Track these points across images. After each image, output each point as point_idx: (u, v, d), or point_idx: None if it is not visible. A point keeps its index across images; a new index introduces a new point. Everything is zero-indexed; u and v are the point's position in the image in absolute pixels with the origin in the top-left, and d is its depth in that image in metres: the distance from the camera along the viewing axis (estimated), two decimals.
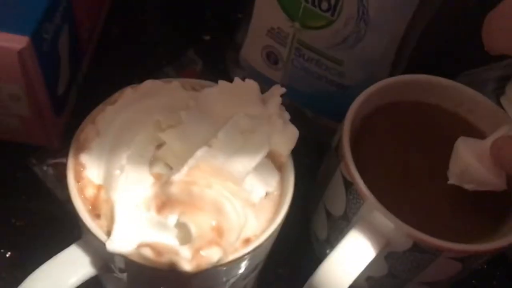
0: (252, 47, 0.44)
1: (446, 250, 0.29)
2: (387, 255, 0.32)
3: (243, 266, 0.28)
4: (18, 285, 0.26)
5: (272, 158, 0.29)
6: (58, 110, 0.41)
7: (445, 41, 0.47)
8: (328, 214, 0.35)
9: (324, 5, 0.37)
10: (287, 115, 0.29)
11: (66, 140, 0.36)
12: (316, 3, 0.37)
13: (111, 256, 0.25)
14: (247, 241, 0.27)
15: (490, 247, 0.29)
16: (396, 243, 0.30)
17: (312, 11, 0.38)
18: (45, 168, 0.42)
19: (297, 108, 0.47)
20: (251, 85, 0.28)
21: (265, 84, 0.46)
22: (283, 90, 0.30)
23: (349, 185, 0.31)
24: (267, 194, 0.28)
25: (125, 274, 0.27)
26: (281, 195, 0.28)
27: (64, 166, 0.27)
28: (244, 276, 0.29)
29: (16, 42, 0.34)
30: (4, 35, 0.34)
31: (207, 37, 0.52)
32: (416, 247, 0.30)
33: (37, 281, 0.25)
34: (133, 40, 0.50)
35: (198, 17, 0.53)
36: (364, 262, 0.30)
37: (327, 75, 0.42)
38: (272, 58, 0.43)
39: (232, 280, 0.28)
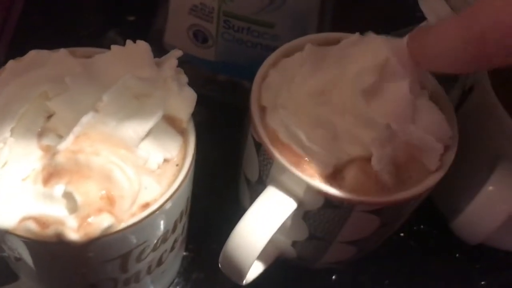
0: (176, 30, 0.42)
1: (357, 203, 0.28)
2: (304, 215, 0.30)
3: (147, 232, 0.26)
4: None
5: (172, 124, 0.27)
6: None
7: None
8: (248, 181, 0.34)
9: None
10: (184, 79, 0.27)
11: None
12: None
13: None
14: (145, 206, 0.25)
15: (399, 197, 0.28)
16: (309, 202, 0.29)
17: None
18: None
19: (235, 82, 0.46)
20: (143, 47, 0.27)
21: (198, 66, 0.46)
22: (180, 52, 0.29)
23: (258, 146, 0.30)
24: (167, 159, 0.27)
25: (22, 257, 0.26)
26: (183, 159, 0.27)
27: None
28: (158, 242, 0.28)
29: None
30: None
31: (132, 18, 0.51)
32: (328, 203, 0.28)
33: None
34: (53, 22, 0.48)
35: None
36: (276, 224, 0.28)
37: (261, 41, 0.40)
38: (200, 36, 0.41)
39: (142, 248, 0.27)
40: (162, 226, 0.27)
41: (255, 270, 0.35)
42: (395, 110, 0.28)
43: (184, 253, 0.37)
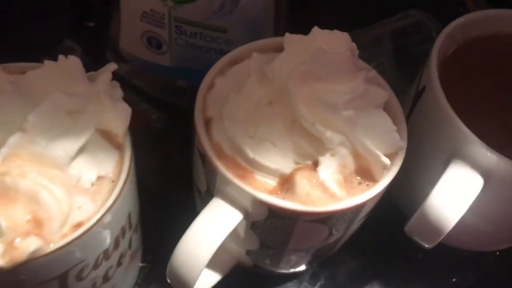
0: (130, 36, 0.41)
1: (301, 214, 0.28)
2: (252, 226, 0.29)
3: (82, 251, 0.25)
4: None
5: (108, 139, 0.26)
6: None
7: None
8: (199, 191, 0.33)
9: None
10: (118, 93, 0.26)
11: None
12: None
13: None
14: (78, 225, 0.24)
15: (344, 206, 0.27)
16: (254, 213, 0.28)
17: None
18: None
19: (194, 87, 0.46)
20: (75, 62, 0.26)
21: (155, 72, 0.45)
22: (115, 66, 0.28)
23: (203, 158, 0.30)
24: (102, 176, 0.26)
25: None
26: (118, 175, 0.26)
27: None
28: (98, 260, 0.27)
29: None
30: None
31: (91, 24, 0.50)
32: (273, 214, 0.27)
33: None
34: (6, 29, 0.47)
35: (82, 2, 0.51)
36: (221, 236, 0.27)
37: (215, 46, 0.39)
38: (154, 42, 0.41)
39: (81, 267, 0.26)
40: (100, 244, 0.26)
41: (211, 279, 0.35)
42: (342, 119, 0.28)
43: (141, 264, 0.37)
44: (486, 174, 0.30)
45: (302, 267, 0.37)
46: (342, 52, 0.28)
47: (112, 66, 0.27)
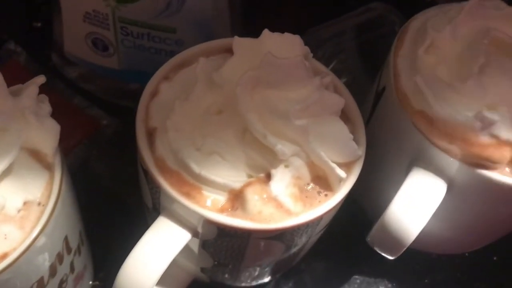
0: (74, 38, 0.38)
1: (252, 232, 0.26)
2: (203, 245, 0.27)
3: (11, 283, 0.23)
4: None
5: (37, 159, 0.24)
6: None
7: None
8: (147, 207, 0.31)
9: None
10: (46, 108, 0.24)
11: None
12: None
13: None
14: (3, 257, 0.22)
15: (298, 222, 0.25)
16: (203, 232, 0.26)
17: None
18: None
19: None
20: None
21: (104, 75, 0.42)
22: (43, 79, 0.25)
23: (146, 173, 0.27)
24: (30, 201, 0.24)
25: None
26: (47, 200, 0.24)
27: None
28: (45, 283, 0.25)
29: None
30: None
31: (38, 24, 0.47)
32: (223, 233, 0.26)
33: None
34: None
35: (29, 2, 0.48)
36: (168, 257, 0.25)
37: (165, 47, 0.37)
38: (100, 45, 0.38)
39: None
40: (31, 275, 0.24)
41: None
42: (295, 129, 0.26)
43: (92, 283, 0.35)
44: (449, 180, 0.29)
45: (265, 280, 0.35)
46: (293, 56, 0.26)
47: (40, 79, 0.25)
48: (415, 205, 0.28)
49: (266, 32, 0.27)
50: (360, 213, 0.38)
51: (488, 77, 0.28)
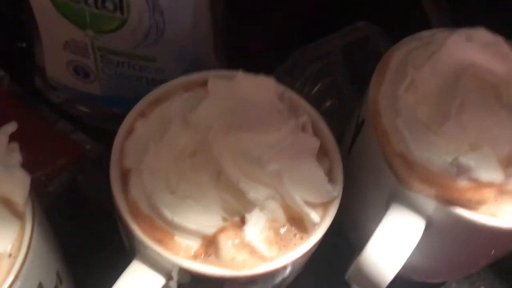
0: (55, 65, 0.38)
1: (226, 279, 0.26)
2: (179, 287, 0.28)
3: None
4: None
5: (8, 207, 0.24)
6: None
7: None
8: (126, 249, 0.31)
9: (109, 5, 0.32)
10: (15, 157, 0.24)
11: None
12: (100, 4, 0.32)
13: None
14: None
15: (272, 267, 0.25)
16: (178, 277, 0.26)
17: (100, 15, 0.32)
18: None
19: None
20: None
21: (87, 100, 0.42)
22: (13, 127, 0.25)
23: (120, 218, 0.27)
24: (1, 253, 0.24)
25: None
26: (17, 251, 0.24)
27: None
28: None
29: None
30: None
31: (23, 45, 0.47)
32: (197, 279, 0.26)
33: None
34: None
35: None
36: None
37: (146, 74, 0.37)
38: (81, 72, 0.37)
39: None
40: None
41: None
42: (269, 173, 0.26)
43: None
44: (428, 217, 0.29)
45: None
46: (267, 99, 0.26)
47: (10, 127, 0.24)
48: (392, 246, 0.28)
49: (240, 74, 0.27)
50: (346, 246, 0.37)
51: (468, 116, 0.28)
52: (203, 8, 0.33)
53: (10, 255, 0.23)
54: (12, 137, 0.25)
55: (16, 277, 0.23)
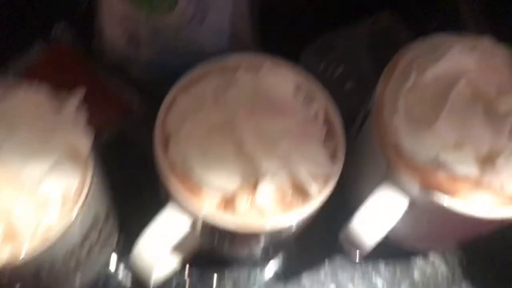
0: (112, 30, 0.44)
1: (237, 230, 0.32)
2: (200, 233, 0.35)
3: (58, 251, 0.31)
4: None
5: (75, 156, 0.31)
6: None
7: None
8: (161, 195, 0.38)
9: None
10: (83, 117, 0.31)
11: None
12: None
13: None
14: (47, 235, 0.29)
15: (273, 226, 0.32)
16: (201, 223, 0.34)
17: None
18: None
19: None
20: (42, 96, 0.30)
21: (135, 66, 0.48)
22: (82, 92, 0.32)
23: (159, 173, 0.34)
24: (69, 190, 0.30)
25: None
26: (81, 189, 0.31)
27: None
28: (72, 253, 0.33)
29: None
30: None
31: (84, 5, 0.52)
32: (215, 226, 0.33)
33: None
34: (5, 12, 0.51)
35: None
36: (172, 240, 0.33)
37: (189, 48, 0.42)
38: (133, 40, 0.43)
39: (60, 263, 0.32)
40: (67, 248, 0.31)
41: (172, 266, 0.40)
42: (281, 151, 0.32)
43: (116, 249, 0.42)
44: (411, 198, 0.34)
45: (257, 255, 0.42)
46: (286, 89, 0.32)
47: (80, 91, 0.31)
48: (375, 218, 0.34)
49: (265, 67, 0.33)
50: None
51: (455, 119, 0.33)
52: (242, 2, 0.38)
53: (77, 189, 0.30)
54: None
55: (82, 205, 0.30)
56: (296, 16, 0.49)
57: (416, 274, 0.44)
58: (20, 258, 0.29)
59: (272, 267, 0.44)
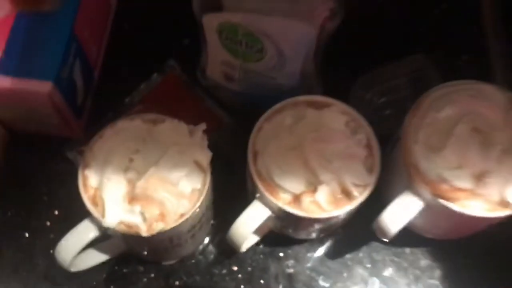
0: (213, 69, 0.60)
1: (302, 217, 0.47)
2: (276, 218, 0.50)
3: (185, 226, 0.47)
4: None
5: (199, 166, 0.47)
6: (78, 114, 0.61)
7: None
8: (249, 191, 0.54)
9: (255, 49, 0.53)
10: (205, 141, 0.47)
11: (87, 132, 0.56)
12: (249, 48, 0.53)
13: (105, 228, 0.46)
14: (182, 215, 0.46)
15: (326, 216, 0.47)
16: (278, 213, 0.49)
17: (248, 52, 0.53)
18: (74, 153, 0.62)
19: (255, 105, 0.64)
20: (182, 125, 0.47)
21: (226, 93, 0.63)
22: (204, 126, 0.48)
23: (251, 177, 0.50)
24: (195, 188, 0.47)
25: (117, 235, 0.48)
26: (202, 188, 0.48)
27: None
28: (192, 228, 0.49)
29: (43, 86, 0.51)
30: (34, 82, 0.52)
31: (186, 41, 0.69)
32: (287, 214, 0.47)
33: (66, 239, 0.47)
34: (129, 50, 0.68)
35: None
36: (258, 223, 0.49)
37: (269, 85, 0.57)
38: (229, 77, 0.59)
39: (185, 234, 0.49)
40: (191, 223, 0.48)
41: (254, 239, 0.56)
42: (333, 167, 0.47)
43: (212, 222, 0.59)
44: (425, 202, 0.49)
45: (313, 236, 0.58)
46: (338, 124, 0.47)
47: (202, 126, 0.47)
48: (398, 214, 0.48)
49: (326, 110, 0.48)
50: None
51: (458, 148, 0.47)
52: (310, 54, 0.53)
53: (199, 190, 0.47)
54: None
55: (202, 200, 0.47)
56: (348, 55, 0.63)
57: (433, 256, 0.59)
58: (166, 230, 0.45)
59: (323, 247, 0.59)
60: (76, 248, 0.46)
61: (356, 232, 0.58)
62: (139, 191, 0.45)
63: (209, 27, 0.54)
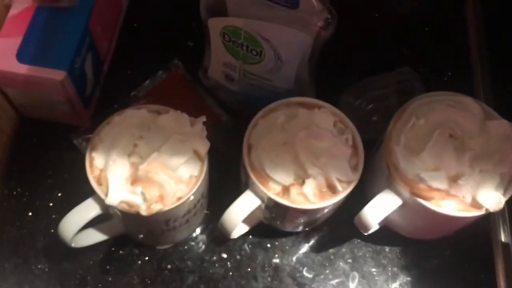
0: (215, 70, 0.64)
1: (290, 208, 0.51)
2: (266, 207, 0.53)
3: (181, 209, 0.51)
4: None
5: (197, 155, 0.51)
6: (87, 104, 0.65)
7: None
8: (242, 182, 0.58)
9: (254, 52, 0.57)
10: (204, 132, 0.51)
11: (93, 122, 0.60)
12: (249, 51, 0.58)
13: (107, 206, 0.50)
14: (179, 198, 0.50)
15: (312, 207, 0.51)
16: (267, 202, 0.53)
17: (248, 55, 0.58)
18: (80, 140, 0.66)
19: (251, 103, 0.68)
20: (184, 116, 0.51)
21: (226, 93, 0.68)
22: (204, 118, 0.52)
23: (244, 168, 0.54)
24: (192, 175, 0.51)
25: (117, 215, 0.52)
26: (199, 176, 0.51)
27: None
28: (188, 212, 0.53)
29: (58, 75, 0.56)
30: (49, 70, 0.56)
31: (191, 44, 0.73)
32: (276, 204, 0.50)
33: (70, 215, 0.51)
34: (137, 48, 0.72)
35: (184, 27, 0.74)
36: (247, 211, 0.52)
37: (266, 86, 0.62)
38: (229, 77, 0.63)
39: (180, 217, 0.53)
40: (187, 208, 0.52)
41: (243, 229, 0.60)
42: (321, 162, 0.51)
43: (206, 212, 0.63)
44: (403, 200, 0.53)
45: (299, 229, 0.62)
46: (327, 124, 0.51)
47: (202, 118, 0.51)
48: (378, 210, 0.52)
49: (316, 110, 0.52)
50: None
51: (435, 151, 0.51)
52: (305, 60, 0.58)
53: (196, 176, 0.51)
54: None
55: (199, 186, 0.50)
56: (339, 67, 0.67)
57: (410, 256, 0.63)
58: (164, 211, 0.49)
59: (309, 241, 0.63)
60: (79, 224, 0.50)
61: (339, 229, 0.63)
62: (141, 173, 0.49)
63: (213, 30, 0.58)
